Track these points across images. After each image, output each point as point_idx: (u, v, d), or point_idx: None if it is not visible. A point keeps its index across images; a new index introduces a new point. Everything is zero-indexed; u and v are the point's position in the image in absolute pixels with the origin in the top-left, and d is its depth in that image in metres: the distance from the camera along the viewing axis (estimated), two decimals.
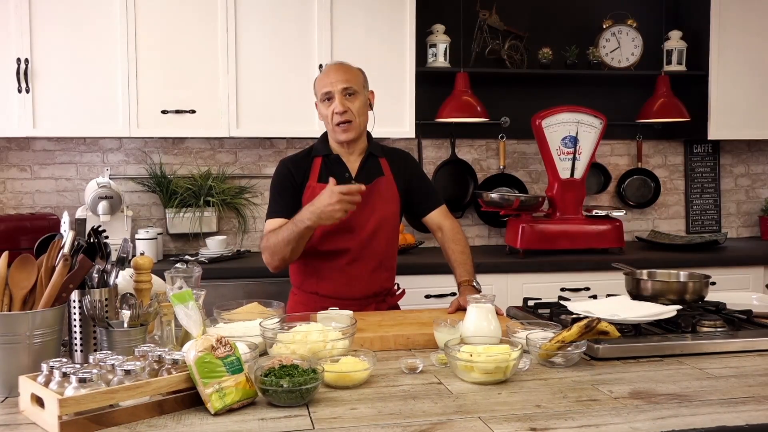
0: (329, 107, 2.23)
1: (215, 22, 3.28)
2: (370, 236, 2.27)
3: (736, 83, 3.78)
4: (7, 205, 3.53)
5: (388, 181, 2.34)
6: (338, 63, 2.32)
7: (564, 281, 3.33)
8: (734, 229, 4.25)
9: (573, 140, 3.55)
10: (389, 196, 2.33)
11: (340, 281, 2.27)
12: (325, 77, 2.26)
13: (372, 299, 2.32)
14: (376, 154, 2.36)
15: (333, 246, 2.26)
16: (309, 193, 2.26)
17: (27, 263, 1.55)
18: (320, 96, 2.26)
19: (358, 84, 2.26)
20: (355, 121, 2.25)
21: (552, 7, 3.94)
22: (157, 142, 3.62)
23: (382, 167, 2.35)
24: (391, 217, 2.33)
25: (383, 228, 2.30)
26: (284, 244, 2.14)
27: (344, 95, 2.22)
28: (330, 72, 2.26)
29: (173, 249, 3.63)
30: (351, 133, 2.25)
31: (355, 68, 2.30)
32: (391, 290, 2.40)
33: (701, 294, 2.07)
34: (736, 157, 4.25)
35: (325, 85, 2.24)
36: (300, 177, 2.29)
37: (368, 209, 2.26)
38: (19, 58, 3.13)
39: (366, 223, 2.26)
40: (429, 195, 2.42)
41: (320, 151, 2.33)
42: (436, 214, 2.41)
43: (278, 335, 1.63)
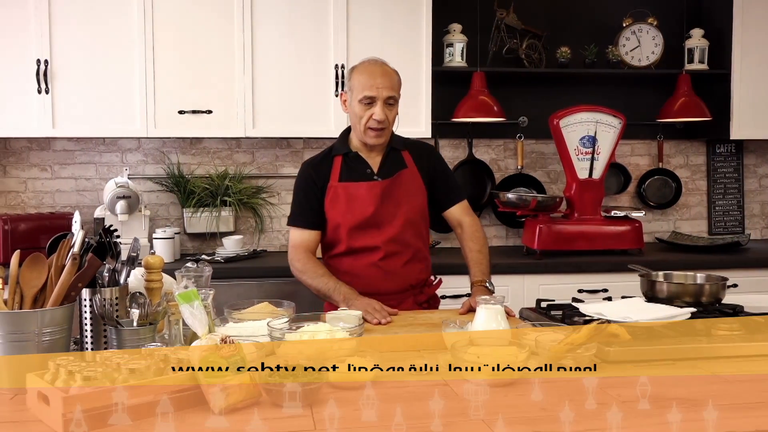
0: (367, 110, 2.22)
1: (232, 23, 3.30)
2: (399, 230, 2.28)
3: (759, 82, 3.70)
4: (28, 204, 3.59)
5: (412, 173, 2.33)
6: (382, 64, 2.29)
7: (581, 283, 3.30)
8: (758, 231, 4.17)
9: (591, 140, 3.51)
10: (414, 188, 2.33)
11: (375, 277, 2.28)
12: (370, 79, 2.22)
13: (409, 292, 2.33)
14: (398, 148, 2.36)
15: (363, 243, 2.27)
16: (332, 193, 2.28)
17: (38, 262, 1.57)
18: (360, 96, 2.22)
19: (398, 92, 2.28)
20: (388, 129, 2.27)
21: (571, 6, 3.90)
22: (175, 142, 3.65)
23: (405, 160, 2.35)
24: (419, 208, 2.33)
25: (411, 220, 2.31)
26: (311, 287, 2.27)
27: (386, 104, 2.22)
28: (376, 75, 2.23)
29: (191, 248, 3.66)
30: (382, 139, 2.28)
31: (396, 74, 2.30)
32: (427, 281, 2.41)
33: (718, 296, 2.03)
34: (761, 157, 4.17)
35: (369, 88, 2.21)
36: (322, 179, 2.30)
37: (393, 203, 2.28)
38: (38, 59, 3.17)
39: (393, 218, 2.27)
40: (451, 189, 2.42)
41: (340, 150, 2.34)
42: (458, 209, 2.40)
43: (285, 335, 1.63)
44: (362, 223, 2.24)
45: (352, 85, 2.27)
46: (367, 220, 2.23)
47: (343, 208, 2.27)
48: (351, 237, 2.26)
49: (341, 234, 2.27)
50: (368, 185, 2.28)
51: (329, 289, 2.19)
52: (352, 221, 2.27)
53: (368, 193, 2.27)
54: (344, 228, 2.26)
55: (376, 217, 2.24)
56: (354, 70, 2.30)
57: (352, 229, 2.26)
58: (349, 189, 2.28)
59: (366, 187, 2.27)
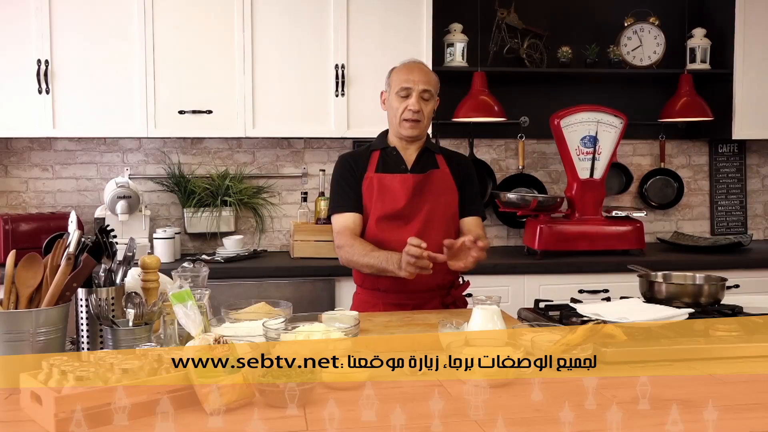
0: (403, 102, 2.29)
1: (232, 23, 3.30)
2: (423, 227, 2.28)
3: (762, 81, 3.69)
4: (29, 204, 3.59)
5: (443, 174, 2.37)
6: (420, 63, 2.39)
7: (582, 283, 3.29)
8: (761, 231, 4.15)
9: (592, 140, 3.51)
10: (444, 188, 2.35)
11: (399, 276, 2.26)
12: (407, 73, 2.30)
13: (435, 292, 2.34)
14: (434, 150, 2.42)
15: (389, 236, 2.27)
16: (367, 183, 2.33)
17: (33, 262, 1.57)
18: (397, 89, 2.29)
19: (435, 90, 2.34)
20: (423, 122, 2.33)
21: (572, 6, 3.89)
22: (176, 142, 3.65)
23: (438, 162, 2.40)
24: (447, 207, 2.35)
25: (438, 218, 2.32)
26: (365, 267, 2.23)
27: (421, 97, 2.28)
28: (414, 70, 2.31)
29: (191, 248, 3.66)
30: (416, 131, 2.33)
31: (434, 74, 2.38)
32: (454, 282, 2.41)
33: (717, 297, 2.02)
34: (764, 157, 4.15)
35: (406, 81, 2.28)
36: (360, 169, 2.35)
37: (421, 200, 2.31)
38: (39, 59, 3.18)
39: (420, 213, 2.30)
40: (473, 201, 2.44)
41: (378, 145, 2.41)
42: (473, 221, 2.40)
43: (281, 335, 1.62)
44: (391, 214, 2.28)
45: (390, 81, 2.35)
46: (396, 213, 2.28)
47: (376, 197, 2.31)
48: (378, 228, 2.29)
49: (370, 224, 2.31)
50: (401, 178, 2.32)
51: (381, 260, 2.15)
52: (382, 211, 2.30)
53: (401, 186, 2.31)
54: (373, 218, 2.30)
55: (406, 210, 2.28)
56: (393, 69, 2.38)
57: (380, 219, 2.29)
58: (384, 180, 2.32)
59: (399, 179, 2.32)
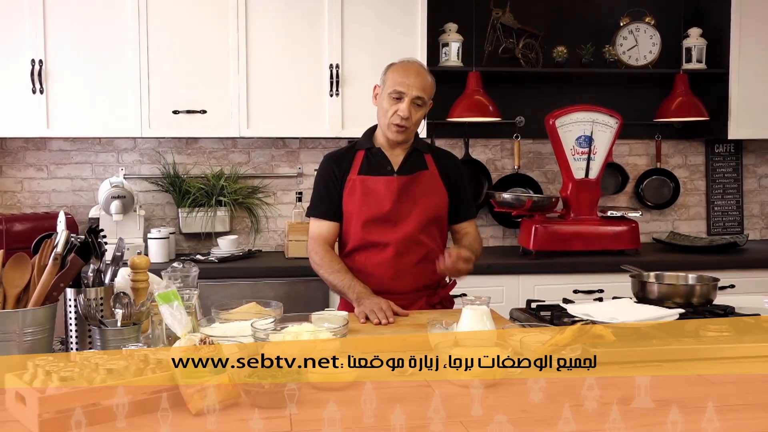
0: (394, 105, 2.24)
1: (226, 23, 3.29)
2: (412, 228, 2.28)
3: (757, 81, 3.68)
4: (24, 204, 3.59)
5: (432, 175, 2.35)
6: (419, 65, 2.31)
7: (577, 283, 3.28)
8: (757, 231, 4.15)
9: (588, 140, 3.50)
10: (433, 189, 2.33)
11: (386, 275, 2.28)
12: (403, 76, 2.23)
13: (422, 292, 2.33)
14: (422, 150, 2.38)
15: (375, 239, 2.27)
16: (350, 186, 2.30)
17: (21, 262, 1.57)
18: (390, 90, 2.24)
19: (429, 96, 2.30)
20: (410, 129, 2.28)
21: (567, 5, 3.89)
22: (171, 142, 3.65)
23: (427, 162, 2.36)
24: (436, 209, 2.33)
25: (427, 219, 2.30)
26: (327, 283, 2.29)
27: (414, 103, 2.23)
28: (411, 74, 2.24)
29: (186, 248, 3.66)
30: (402, 136, 2.29)
31: (431, 78, 2.31)
32: (441, 282, 2.40)
33: (709, 297, 2.01)
34: (760, 157, 4.15)
35: (400, 83, 2.22)
36: (342, 171, 2.32)
37: (410, 201, 2.29)
38: (33, 59, 3.18)
39: (408, 216, 2.28)
40: (465, 204, 2.43)
41: (363, 145, 2.36)
42: (467, 225, 2.43)
43: (269, 336, 1.62)
44: (377, 218, 2.26)
45: (385, 78, 2.29)
46: (382, 216, 2.25)
47: (359, 200, 2.28)
48: (364, 231, 2.28)
49: (355, 228, 2.28)
50: (386, 180, 2.29)
51: (344, 286, 2.20)
52: (367, 215, 2.28)
53: (386, 189, 2.28)
54: (358, 221, 2.28)
55: (392, 213, 2.26)
56: (390, 66, 2.32)
57: (366, 222, 2.27)
58: (367, 182, 2.29)
59: (384, 182, 2.29)
